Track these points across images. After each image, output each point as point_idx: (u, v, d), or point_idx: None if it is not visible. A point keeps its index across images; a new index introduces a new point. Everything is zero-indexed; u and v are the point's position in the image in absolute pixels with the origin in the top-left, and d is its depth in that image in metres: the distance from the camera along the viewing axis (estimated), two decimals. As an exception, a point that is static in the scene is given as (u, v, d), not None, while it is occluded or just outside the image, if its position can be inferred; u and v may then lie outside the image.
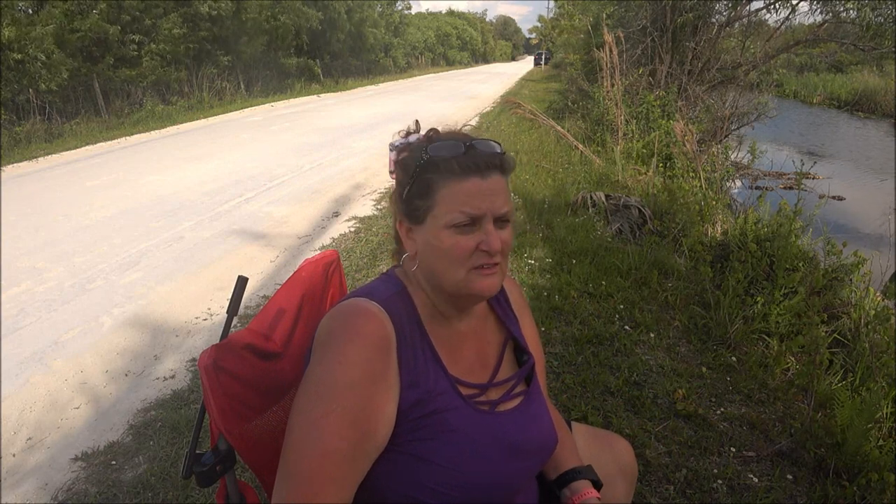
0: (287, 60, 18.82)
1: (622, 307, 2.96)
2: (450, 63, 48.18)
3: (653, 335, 2.70)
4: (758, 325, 2.66)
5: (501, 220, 0.83)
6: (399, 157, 0.90)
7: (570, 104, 10.11)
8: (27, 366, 2.66)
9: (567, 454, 1.00)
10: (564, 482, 0.95)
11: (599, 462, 1.05)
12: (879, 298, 2.71)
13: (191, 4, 13.45)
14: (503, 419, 0.86)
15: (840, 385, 2.28)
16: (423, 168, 0.83)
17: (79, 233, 4.58)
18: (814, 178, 7.30)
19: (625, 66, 7.33)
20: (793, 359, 2.51)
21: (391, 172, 0.92)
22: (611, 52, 6.78)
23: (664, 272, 3.39)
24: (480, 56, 61.94)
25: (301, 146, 8.41)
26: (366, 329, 0.78)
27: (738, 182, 6.68)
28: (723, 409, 2.17)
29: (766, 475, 1.84)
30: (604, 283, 3.20)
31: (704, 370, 2.42)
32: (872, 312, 2.62)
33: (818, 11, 7.25)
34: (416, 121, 0.93)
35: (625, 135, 6.62)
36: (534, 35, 41.29)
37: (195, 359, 2.67)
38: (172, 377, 2.54)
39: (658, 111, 6.52)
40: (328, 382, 0.75)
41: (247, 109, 14.00)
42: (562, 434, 1.00)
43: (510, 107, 10.49)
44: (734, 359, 2.52)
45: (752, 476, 1.84)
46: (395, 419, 0.78)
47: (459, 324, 0.90)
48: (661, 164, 5.58)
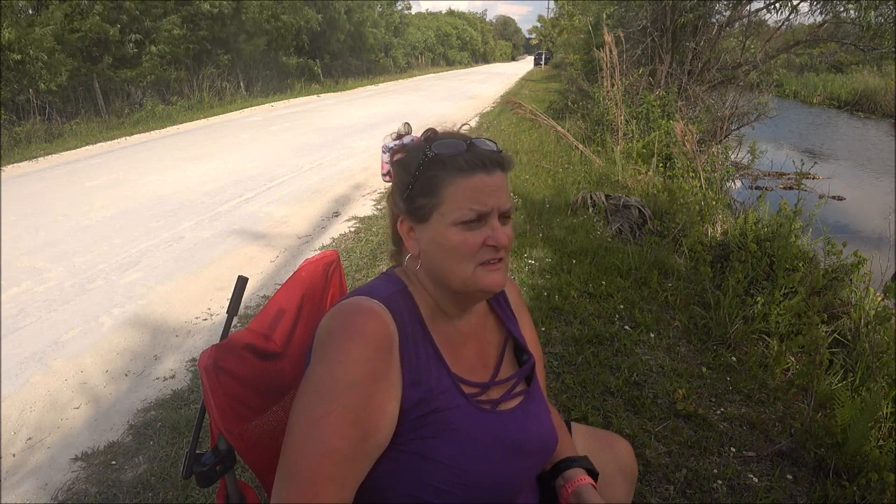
0: (287, 60, 18.82)
1: (622, 307, 2.96)
2: (450, 63, 48.18)
3: (653, 335, 2.70)
4: (758, 325, 2.66)
5: (504, 216, 0.84)
6: (395, 158, 0.90)
7: (570, 104, 10.11)
8: (27, 366, 2.66)
9: (563, 448, 1.00)
10: (558, 471, 0.95)
11: (599, 462, 1.05)
12: (879, 298, 2.71)
13: (192, 3, 13.45)
14: (504, 418, 0.86)
15: (840, 385, 2.28)
16: (428, 166, 0.83)
17: (79, 233, 4.58)
18: (814, 178, 7.30)
19: (625, 66, 7.33)
20: (793, 359, 2.51)
21: (384, 175, 0.93)
22: (611, 52, 6.78)
23: (664, 272, 3.39)
24: (480, 56, 61.94)
25: (301, 146, 8.41)
26: (367, 327, 0.78)
27: (738, 182, 6.67)
28: (723, 409, 2.17)
29: (766, 475, 1.84)
30: (604, 283, 3.20)
31: (704, 370, 2.42)
32: (872, 312, 2.61)
33: (818, 11, 7.25)
34: (407, 123, 0.93)
35: (625, 135, 6.62)
36: (534, 35, 41.28)
37: (195, 359, 2.67)
38: (172, 377, 2.54)
39: (658, 111, 6.52)
40: (329, 381, 0.74)
41: (247, 109, 14.01)
42: (560, 433, 1.00)
43: (510, 107, 10.49)
44: (734, 359, 2.52)
45: (752, 476, 1.84)
46: (398, 418, 0.78)
47: (461, 323, 0.90)
48: (661, 164, 5.58)
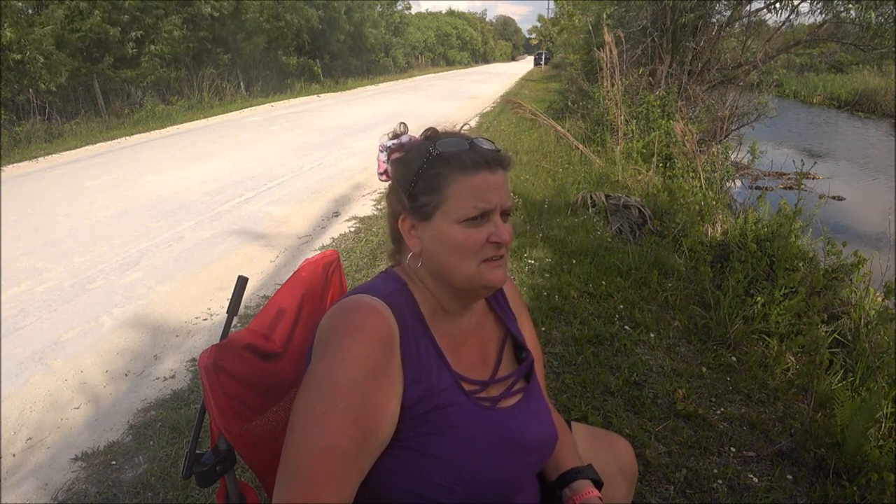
0: (287, 60, 18.82)
1: (622, 307, 2.96)
2: (450, 63, 48.18)
3: (653, 335, 2.70)
4: (758, 325, 2.66)
5: (505, 214, 0.85)
6: (394, 157, 0.90)
7: (570, 104, 10.11)
8: (27, 366, 2.66)
9: (567, 454, 1.00)
10: (565, 482, 0.96)
11: (599, 462, 1.05)
12: (879, 298, 2.70)
13: (192, 4, 13.45)
14: (504, 416, 0.87)
15: (840, 385, 2.28)
16: (432, 164, 0.83)
17: (79, 233, 4.57)
18: (814, 178, 7.30)
19: (625, 66, 7.33)
20: (793, 359, 2.51)
21: (381, 174, 0.93)
22: (611, 52, 6.78)
23: (664, 272, 3.39)
24: (480, 56, 61.93)
25: (301, 146, 8.41)
26: (368, 325, 0.78)
27: (738, 182, 6.67)
28: (723, 409, 2.17)
29: (766, 475, 1.84)
30: (604, 283, 3.20)
31: (704, 370, 2.42)
32: (872, 312, 2.61)
33: (818, 11, 7.25)
34: (403, 123, 0.93)
35: (625, 135, 6.62)
36: (534, 35, 41.28)
37: (195, 359, 2.67)
38: (172, 377, 2.54)
39: (658, 111, 6.52)
40: (330, 379, 0.74)
41: (247, 109, 14.00)
42: (561, 434, 1.01)
43: (510, 107, 10.49)
44: (734, 359, 2.52)
45: (752, 476, 1.83)
46: (399, 415, 0.78)
47: (461, 321, 0.91)
48: (661, 164, 5.58)
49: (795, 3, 7.24)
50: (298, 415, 0.74)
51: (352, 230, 4.51)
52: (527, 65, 50.54)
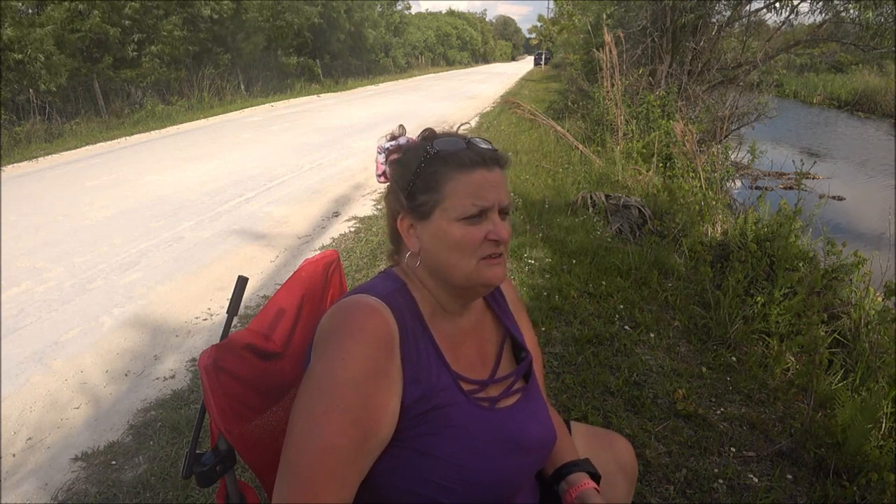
0: (287, 60, 18.82)
1: (622, 307, 2.96)
2: (450, 63, 48.19)
3: (653, 335, 2.70)
4: (758, 325, 2.66)
5: (503, 212, 0.85)
6: (392, 158, 0.91)
7: (570, 104, 10.11)
8: (27, 366, 2.66)
9: (564, 451, 1.00)
10: (561, 476, 0.96)
11: (599, 461, 1.05)
12: (879, 298, 2.70)
13: (192, 5, 13.45)
14: (503, 416, 0.87)
15: (840, 385, 2.28)
16: (429, 162, 0.84)
17: (79, 233, 4.58)
18: (814, 178, 7.31)
19: (625, 66, 7.33)
20: (793, 359, 2.51)
21: (379, 176, 0.93)
22: (611, 52, 6.78)
23: (664, 272, 3.39)
24: (480, 56, 61.95)
25: (301, 146, 8.42)
26: (368, 324, 0.78)
27: (738, 182, 6.68)
28: (723, 409, 2.17)
29: (766, 475, 1.84)
30: (604, 283, 3.20)
31: (704, 370, 2.42)
32: (872, 312, 2.61)
33: (818, 11, 7.26)
34: (401, 125, 0.94)
35: (625, 135, 6.62)
36: (534, 35, 41.24)
37: (195, 359, 2.67)
38: (172, 377, 2.54)
39: (658, 111, 6.52)
40: (330, 379, 0.74)
41: (247, 109, 14.01)
42: (559, 432, 1.01)
43: (510, 107, 10.49)
44: (734, 359, 2.52)
45: (752, 476, 1.83)
46: (398, 415, 0.78)
47: (461, 320, 0.91)
48: (661, 164, 5.58)
49: (795, 3, 7.24)
50: (298, 414, 0.74)
51: (352, 230, 4.51)
52: (527, 65, 50.55)
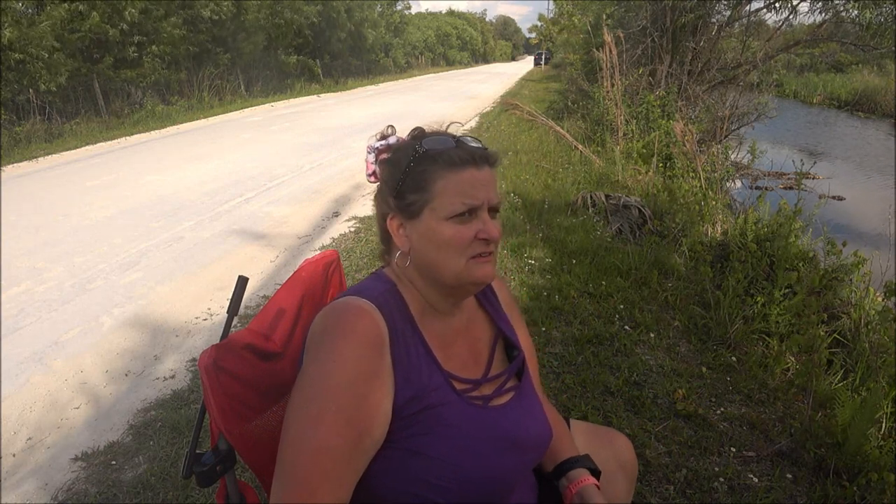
0: (287, 59, 18.82)
1: (622, 307, 2.96)
2: (450, 63, 48.21)
3: (653, 335, 2.70)
4: (758, 325, 2.66)
5: (493, 211, 0.85)
6: (382, 158, 0.91)
7: (570, 104, 10.11)
8: (27, 366, 2.66)
9: (563, 446, 1.00)
10: (562, 472, 0.96)
11: (599, 458, 1.05)
12: (879, 298, 2.70)
13: (192, 7, 13.45)
14: (496, 414, 0.87)
15: (840, 385, 2.28)
16: (418, 161, 0.84)
17: (79, 233, 4.58)
18: (814, 178, 7.31)
19: (625, 66, 7.33)
20: (793, 359, 2.51)
21: (369, 176, 0.93)
22: (611, 52, 6.78)
23: (664, 272, 3.39)
24: (480, 56, 61.97)
25: (301, 146, 8.42)
26: (358, 326, 0.78)
27: (738, 182, 6.67)
28: (723, 409, 2.17)
29: (766, 475, 1.84)
30: (604, 283, 3.20)
31: (704, 370, 2.42)
32: (872, 312, 2.61)
33: (818, 11, 7.25)
34: (391, 125, 0.94)
35: (625, 135, 6.62)
36: (534, 35, 41.21)
37: (195, 359, 2.67)
38: (172, 377, 2.54)
39: (658, 111, 6.51)
40: (322, 381, 0.74)
41: (247, 109, 14.01)
42: (559, 429, 1.01)
43: (510, 107, 10.49)
44: (734, 359, 2.52)
45: (752, 476, 1.83)
46: (391, 416, 0.78)
47: (452, 320, 0.91)
48: (661, 164, 5.58)
49: (795, 3, 7.24)
50: (292, 416, 0.74)
51: (352, 230, 4.51)
52: (527, 65, 50.55)
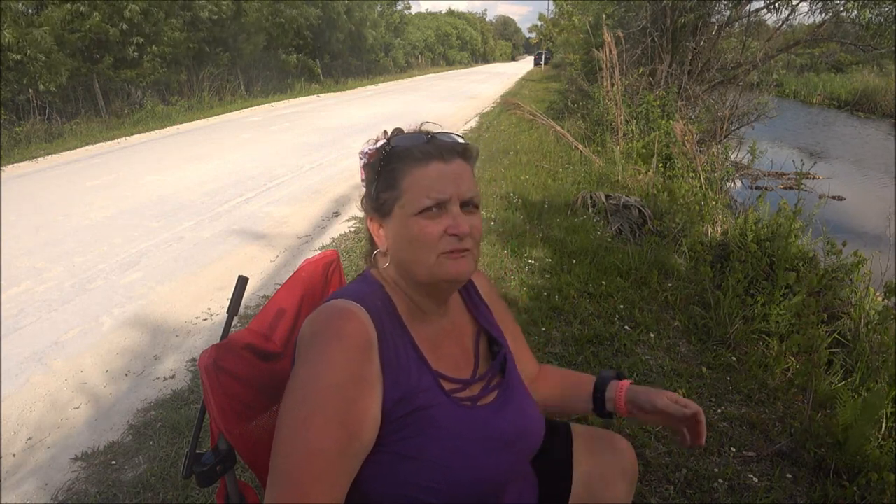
0: (287, 58, 18.82)
1: (622, 307, 2.96)
2: (450, 63, 48.22)
3: (653, 335, 2.70)
4: (758, 325, 2.65)
5: (469, 206, 0.84)
6: (368, 162, 0.91)
7: (570, 104, 10.10)
8: (27, 366, 2.66)
9: (576, 385, 1.06)
10: (600, 401, 1.02)
11: (601, 463, 1.05)
12: (879, 298, 2.70)
13: (192, 8, 13.44)
14: (485, 413, 0.86)
15: (841, 385, 2.28)
16: (387, 160, 0.85)
17: (79, 233, 4.58)
18: (814, 178, 7.30)
19: (625, 66, 7.33)
20: (793, 359, 2.51)
21: (363, 181, 0.93)
22: (611, 52, 6.77)
23: (664, 272, 3.38)
24: (480, 56, 61.97)
25: (301, 146, 8.42)
26: (347, 329, 0.78)
27: (738, 182, 6.67)
28: (723, 409, 2.17)
29: (766, 475, 1.84)
30: (604, 283, 3.20)
31: (704, 370, 2.42)
32: (872, 312, 2.61)
33: (818, 11, 7.25)
34: (385, 130, 0.94)
35: (625, 135, 6.62)
36: (534, 35, 41.20)
37: (195, 359, 2.67)
38: (172, 377, 2.54)
39: (658, 111, 6.51)
40: (312, 384, 0.74)
41: (247, 109, 14.01)
42: (564, 380, 1.09)
43: (510, 107, 10.49)
44: (734, 359, 2.52)
45: (752, 476, 1.83)
46: (381, 418, 0.78)
47: (441, 320, 0.91)
48: (661, 164, 5.58)
49: (795, 3, 7.24)
50: (283, 419, 0.74)
51: (352, 230, 4.51)
52: (527, 65, 50.54)
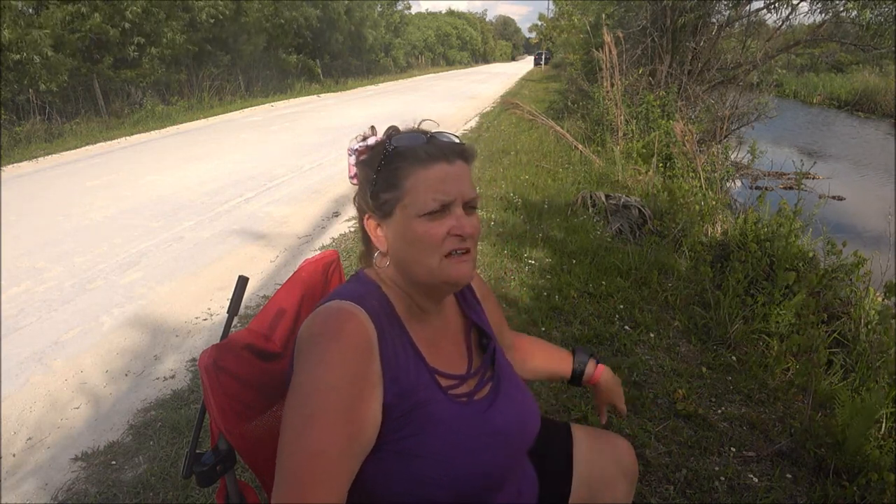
0: (287, 58, 18.82)
1: (622, 307, 2.96)
2: (450, 63, 48.22)
3: (653, 335, 2.70)
4: (758, 325, 2.65)
5: (469, 207, 0.84)
6: (360, 159, 0.91)
7: (570, 104, 10.10)
8: (27, 366, 2.66)
9: (555, 360, 1.23)
10: (578, 378, 1.22)
11: (600, 463, 1.05)
12: (880, 298, 2.70)
13: (191, 9, 13.44)
14: (480, 408, 0.87)
15: (840, 385, 2.28)
16: (389, 160, 0.84)
17: (79, 233, 4.58)
18: (814, 178, 7.30)
19: (625, 66, 7.32)
20: (793, 359, 2.51)
21: (352, 178, 0.93)
22: (610, 52, 6.77)
23: (664, 272, 3.38)
24: (480, 56, 61.97)
25: (301, 146, 8.42)
26: (345, 329, 0.78)
27: (738, 182, 6.67)
28: (723, 409, 2.17)
29: (766, 475, 1.84)
30: (604, 283, 3.20)
31: (704, 370, 2.42)
32: (872, 312, 2.61)
33: (818, 11, 7.25)
34: (372, 126, 0.94)
35: (625, 135, 6.61)
36: (534, 34, 41.18)
37: (195, 359, 2.67)
38: (172, 377, 2.54)
39: (658, 111, 6.51)
40: (312, 385, 0.75)
41: (247, 109, 14.01)
42: (535, 348, 1.21)
43: (510, 107, 10.49)
44: (734, 359, 2.52)
45: (752, 476, 1.83)
46: (382, 416, 0.78)
47: (437, 318, 0.91)
48: (661, 164, 5.58)
49: (795, 2, 7.24)
50: (286, 420, 0.75)
51: (352, 230, 4.51)
52: (527, 65, 50.53)
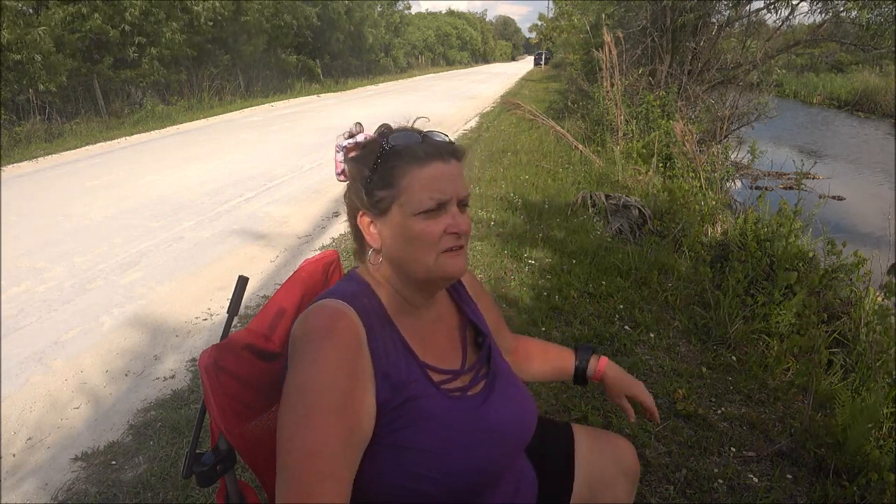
0: (287, 58, 18.82)
1: (622, 307, 2.96)
2: (450, 63, 48.22)
3: (653, 335, 2.70)
4: (758, 325, 2.65)
5: (462, 205, 0.86)
6: (350, 156, 0.91)
7: (570, 104, 10.10)
8: (27, 366, 2.66)
9: (558, 358, 1.18)
10: (582, 374, 1.16)
11: (601, 463, 1.05)
12: (879, 298, 2.70)
13: (190, 10, 13.43)
14: (474, 403, 0.87)
15: (840, 385, 2.28)
16: (385, 158, 0.84)
17: (79, 233, 4.58)
18: (814, 178, 7.30)
19: (625, 66, 7.32)
20: (793, 359, 2.51)
21: (338, 174, 0.93)
22: (610, 52, 6.77)
23: (664, 272, 3.38)
24: (480, 56, 61.97)
25: (301, 146, 8.42)
26: (336, 328, 0.79)
27: (738, 182, 6.67)
28: (723, 409, 2.17)
29: (766, 475, 1.84)
30: (604, 283, 3.20)
31: (704, 370, 2.42)
32: (872, 312, 2.61)
33: (818, 11, 7.25)
34: (359, 122, 0.94)
35: (625, 135, 6.61)
36: (534, 34, 41.18)
37: (195, 359, 2.67)
38: (172, 377, 2.54)
39: (658, 111, 6.51)
40: (307, 384, 0.75)
41: (247, 109, 14.01)
42: (536, 349, 1.18)
43: (510, 107, 10.49)
44: (734, 359, 2.52)
45: (752, 476, 1.83)
46: (376, 412, 0.79)
47: (427, 312, 0.92)
48: (661, 164, 5.58)
49: (794, 3, 7.23)
50: (282, 420, 0.75)
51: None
52: (527, 65, 50.53)
